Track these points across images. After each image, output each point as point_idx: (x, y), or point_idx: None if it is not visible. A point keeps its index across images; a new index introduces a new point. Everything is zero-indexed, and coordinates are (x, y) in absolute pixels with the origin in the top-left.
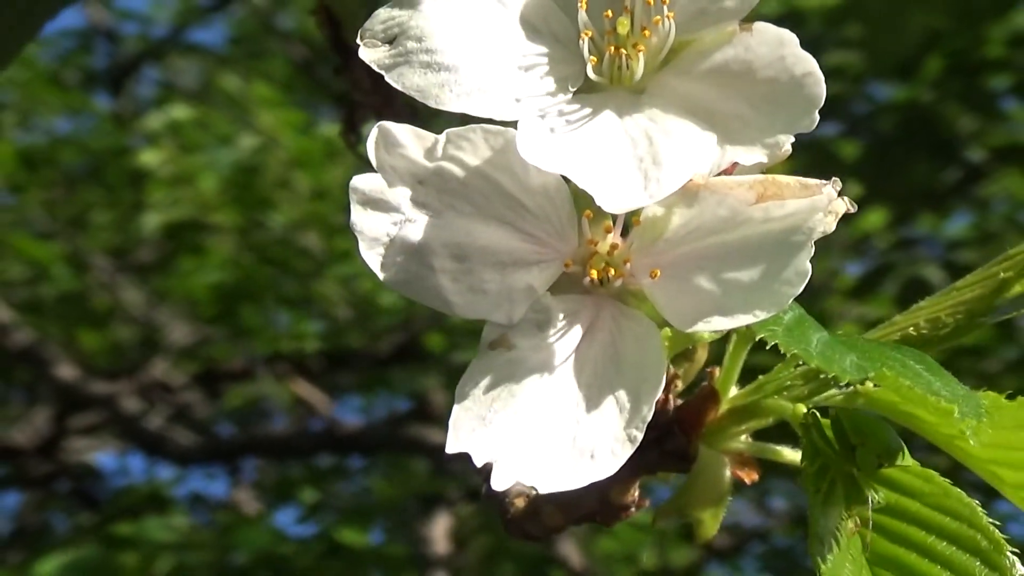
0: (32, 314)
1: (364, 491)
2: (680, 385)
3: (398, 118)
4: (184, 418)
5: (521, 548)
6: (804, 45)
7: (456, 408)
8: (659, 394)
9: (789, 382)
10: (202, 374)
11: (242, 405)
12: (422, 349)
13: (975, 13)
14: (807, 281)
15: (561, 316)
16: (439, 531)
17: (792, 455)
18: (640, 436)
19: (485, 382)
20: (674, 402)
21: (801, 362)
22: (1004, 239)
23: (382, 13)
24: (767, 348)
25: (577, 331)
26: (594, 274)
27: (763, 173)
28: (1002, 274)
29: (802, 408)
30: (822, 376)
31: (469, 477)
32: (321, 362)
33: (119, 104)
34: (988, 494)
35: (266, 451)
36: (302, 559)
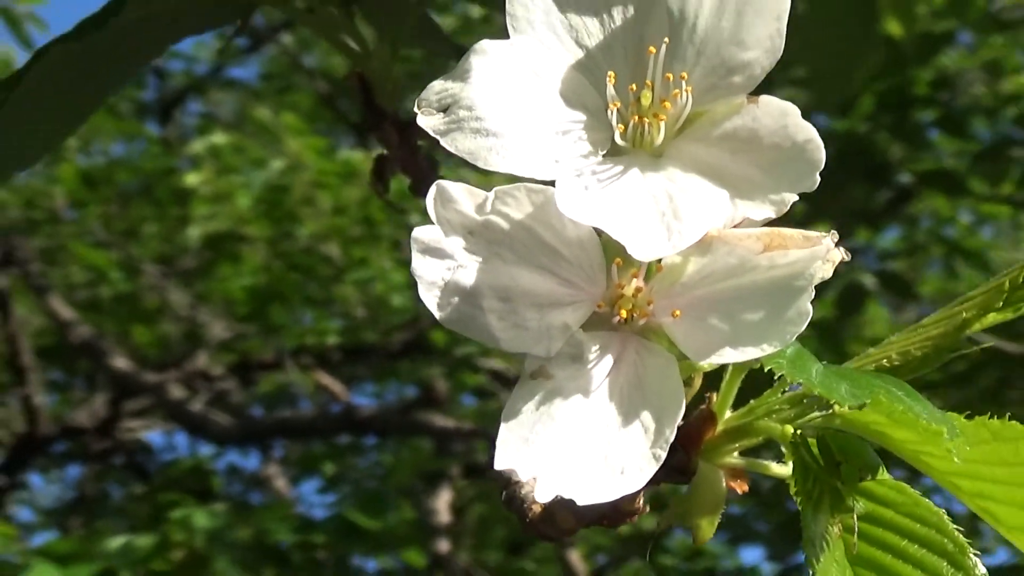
0: (91, 313)
1: (376, 464)
2: (688, 386)
3: (421, 170)
4: (222, 402)
5: (510, 515)
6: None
7: (502, 428)
8: (679, 418)
9: (777, 406)
10: (237, 365)
11: (272, 391)
12: (428, 344)
13: (904, 58)
14: (808, 320)
15: (593, 350)
16: (442, 503)
17: (777, 469)
18: (664, 455)
19: (528, 407)
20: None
21: (788, 388)
22: (929, 251)
23: (437, 85)
24: (765, 376)
25: (607, 363)
26: (623, 314)
27: (769, 225)
28: (964, 314)
29: (790, 429)
30: (806, 401)
31: (467, 455)
32: (340, 355)
33: (166, 131)
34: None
35: (292, 431)
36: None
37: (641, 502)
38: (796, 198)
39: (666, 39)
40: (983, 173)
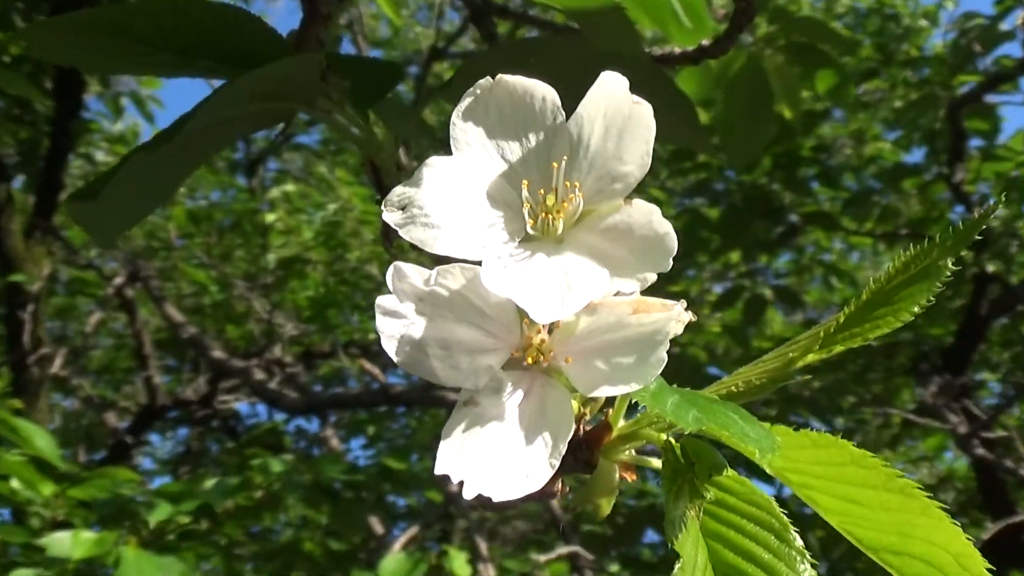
0: (195, 315)
1: (405, 427)
2: (588, 417)
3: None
4: (291, 382)
5: None
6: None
7: (441, 444)
8: (569, 437)
9: (655, 419)
10: (303, 354)
11: (328, 374)
12: None
13: (792, 130)
14: (663, 366)
15: (509, 385)
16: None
17: (657, 463)
18: (557, 464)
19: (459, 427)
20: (584, 429)
21: None
22: (812, 271)
23: (397, 189)
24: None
25: (519, 395)
26: (530, 359)
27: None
28: (791, 354)
29: (663, 436)
30: None
31: None
32: (378, 347)
33: (252, 182)
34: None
35: (343, 403)
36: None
37: (559, 485)
38: (655, 277)
39: (566, 156)
40: (852, 214)
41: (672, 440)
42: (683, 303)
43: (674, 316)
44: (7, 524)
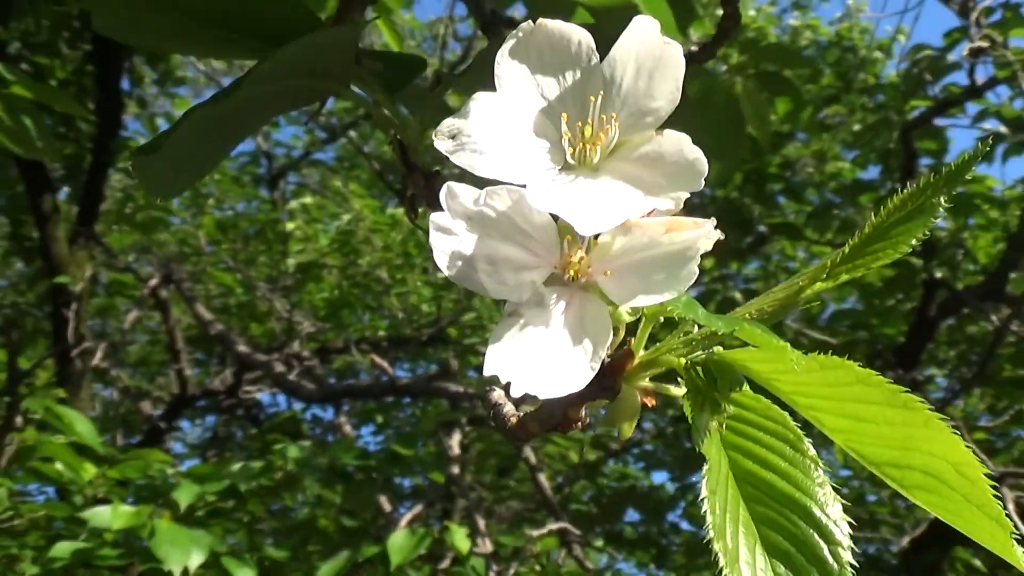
0: (222, 314)
1: (411, 416)
2: (611, 348)
3: (439, 204)
4: (309, 375)
5: (500, 450)
6: None
7: (490, 348)
8: (608, 343)
9: (675, 346)
10: (319, 349)
11: (342, 368)
12: (445, 337)
13: (761, 149)
14: (696, 277)
15: (551, 298)
16: (454, 442)
17: (675, 390)
18: (597, 367)
19: (507, 335)
20: (606, 357)
21: (684, 332)
22: (777, 277)
23: (447, 121)
24: (664, 324)
25: (560, 307)
26: (571, 274)
27: (671, 215)
28: (800, 283)
29: (683, 360)
30: (694, 343)
31: (471, 411)
32: (387, 343)
33: (273, 195)
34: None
35: (355, 394)
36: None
37: (584, 413)
38: (688, 195)
39: (601, 93)
40: (814, 225)
41: (695, 366)
42: (712, 221)
43: (703, 233)
44: (52, 501)
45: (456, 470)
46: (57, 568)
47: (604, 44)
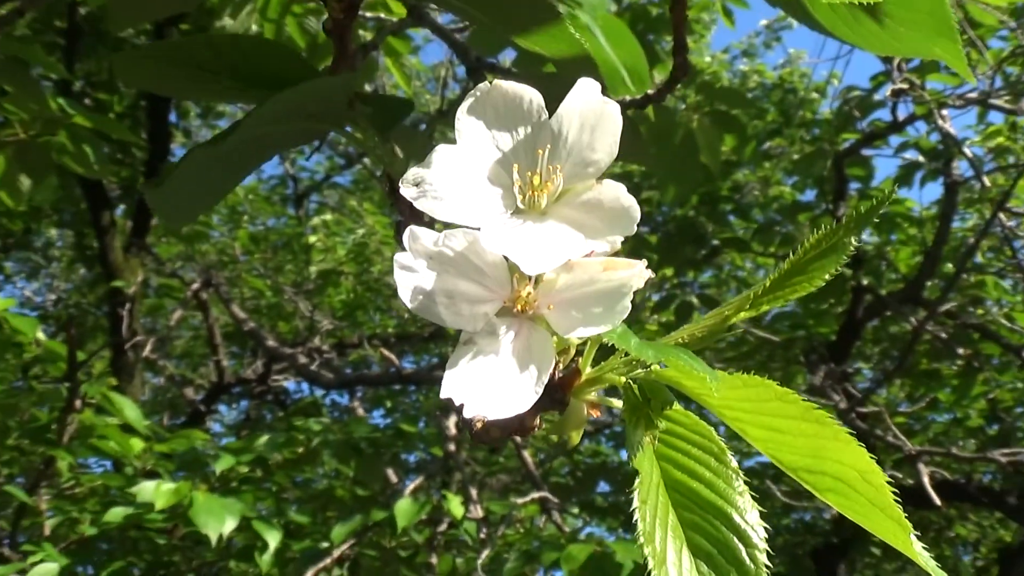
0: (254, 314)
1: (415, 401)
2: (561, 366)
3: (422, 226)
4: (328, 366)
5: None
6: (631, 187)
7: (446, 373)
8: (551, 369)
9: (616, 365)
10: (336, 344)
11: (356, 360)
12: (445, 333)
13: (713, 175)
14: (629, 312)
15: (502, 328)
16: (451, 423)
17: (616, 403)
18: (541, 391)
19: (461, 361)
20: (557, 374)
21: (625, 353)
22: (728, 283)
23: (413, 170)
24: (609, 350)
25: (510, 336)
26: (520, 307)
27: (608, 256)
28: (726, 312)
29: (623, 379)
30: (632, 363)
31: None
32: (395, 339)
33: (299, 212)
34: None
35: (367, 383)
36: (385, 439)
37: (538, 421)
38: (623, 239)
39: (549, 146)
40: (759, 240)
41: (631, 383)
42: (644, 262)
43: (636, 273)
44: (108, 472)
45: (453, 447)
46: (111, 529)
47: (564, 89)
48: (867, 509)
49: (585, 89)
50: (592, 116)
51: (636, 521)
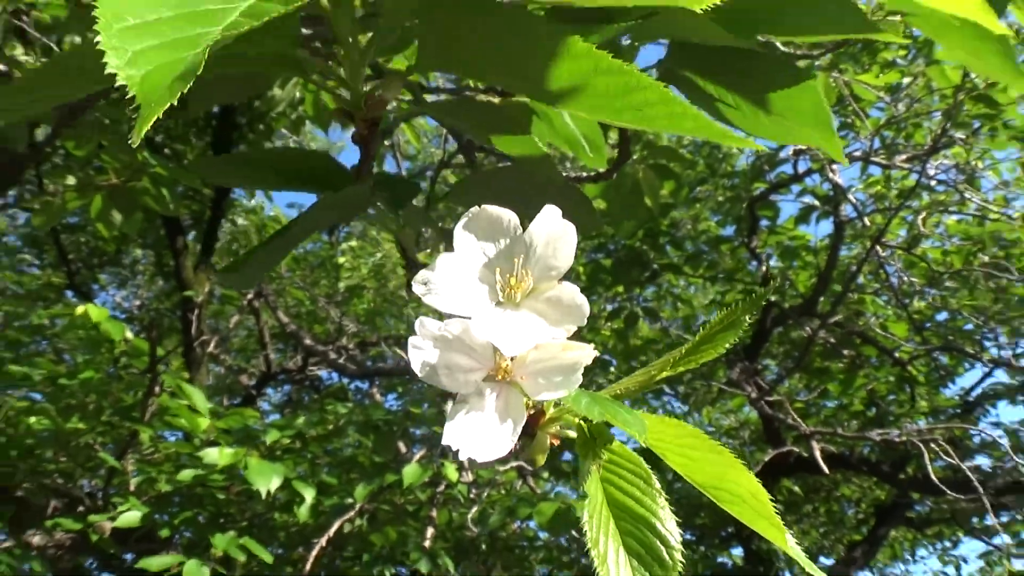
0: (295, 319)
1: (421, 387)
2: (531, 408)
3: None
4: (353, 360)
5: None
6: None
7: (446, 425)
8: (523, 423)
9: (573, 410)
10: (359, 343)
11: (375, 355)
12: None
13: (655, 214)
14: (580, 383)
15: (487, 391)
16: (449, 406)
17: (572, 434)
18: (516, 440)
19: (457, 415)
20: (528, 414)
21: None
22: (666, 298)
23: (421, 273)
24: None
25: (493, 397)
26: (501, 376)
27: (565, 339)
28: (653, 371)
29: (576, 420)
30: None
31: None
32: (406, 339)
33: (331, 238)
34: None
35: (384, 374)
36: (397, 418)
37: (515, 446)
38: (576, 328)
39: (523, 255)
40: (690, 265)
41: (583, 423)
42: (592, 346)
43: (586, 353)
44: (180, 441)
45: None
46: (182, 487)
47: (527, 182)
48: (755, 517)
49: (549, 214)
50: (555, 234)
51: (585, 530)
